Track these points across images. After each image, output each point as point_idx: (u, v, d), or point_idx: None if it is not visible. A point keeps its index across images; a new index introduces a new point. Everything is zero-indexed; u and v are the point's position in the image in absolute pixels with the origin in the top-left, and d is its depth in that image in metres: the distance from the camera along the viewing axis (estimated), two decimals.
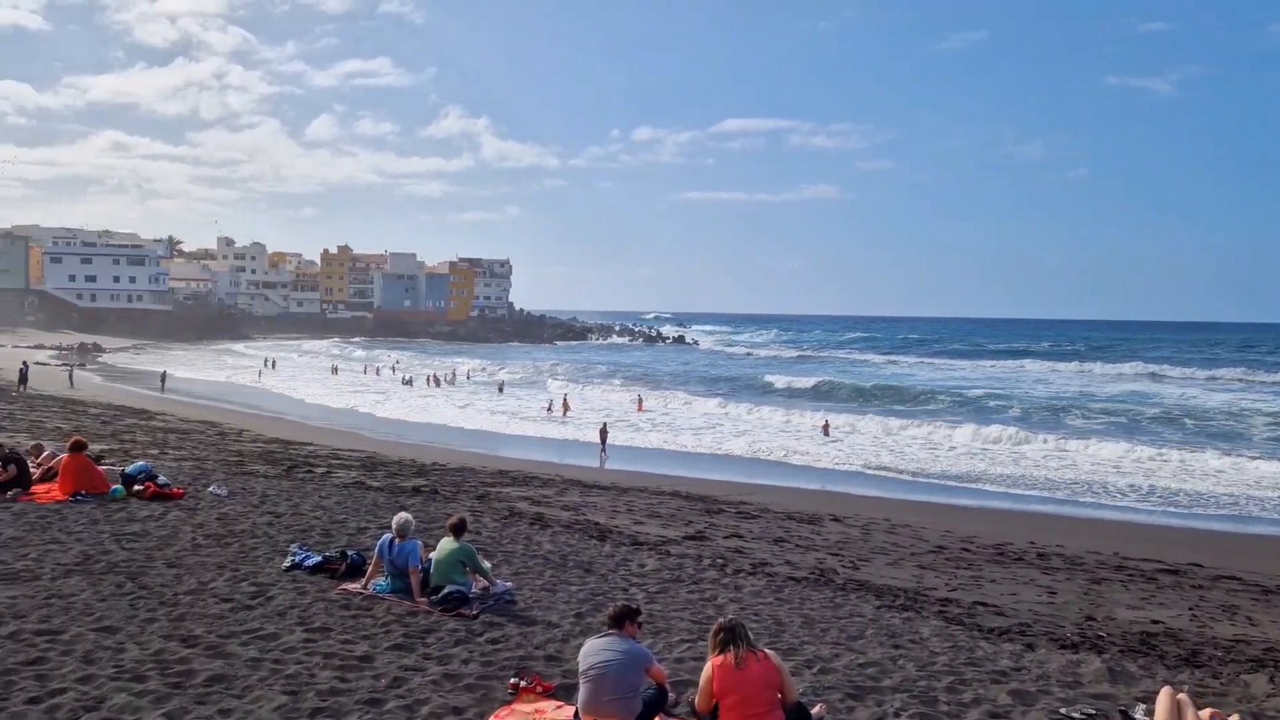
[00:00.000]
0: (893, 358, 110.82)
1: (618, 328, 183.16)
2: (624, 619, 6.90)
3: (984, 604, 12.12)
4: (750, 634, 6.60)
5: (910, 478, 28.68)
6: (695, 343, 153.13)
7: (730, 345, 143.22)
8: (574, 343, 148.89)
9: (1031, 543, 17.50)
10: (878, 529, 18.35)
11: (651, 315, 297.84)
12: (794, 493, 24.10)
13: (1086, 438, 38.19)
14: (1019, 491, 26.40)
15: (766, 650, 6.56)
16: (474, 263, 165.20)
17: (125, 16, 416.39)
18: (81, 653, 7.48)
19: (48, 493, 14.03)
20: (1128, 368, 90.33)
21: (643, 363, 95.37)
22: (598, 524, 16.29)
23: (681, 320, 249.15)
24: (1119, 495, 26.02)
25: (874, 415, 46.81)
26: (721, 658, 6.38)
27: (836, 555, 15.14)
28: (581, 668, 6.68)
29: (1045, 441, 36.86)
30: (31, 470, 14.65)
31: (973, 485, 27.43)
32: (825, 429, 39.84)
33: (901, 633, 9.94)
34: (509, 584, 10.34)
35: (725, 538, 16.02)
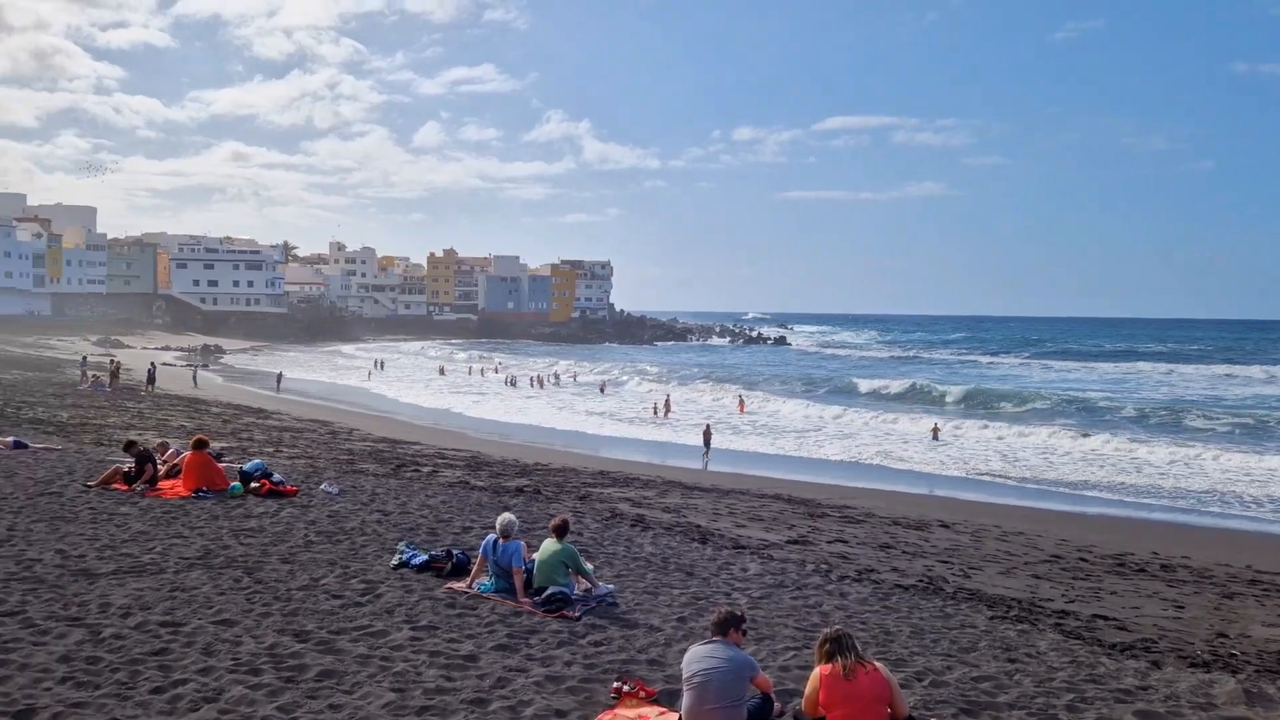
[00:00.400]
0: (1001, 359, 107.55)
1: (717, 328, 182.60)
2: (728, 625, 6.77)
3: (1104, 617, 11.57)
4: (858, 644, 6.41)
5: (1019, 483, 27.73)
6: (793, 344, 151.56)
7: (830, 346, 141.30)
8: (674, 343, 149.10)
9: (1154, 553, 16.67)
10: (988, 536, 17.76)
11: (751, 315, 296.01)
12: (900, 497, 23.54)
13: (1212, 443, 36.35)
14: (1140, 500, 25.24)
15: (876, 662, 6.35)
16: (575, 265, 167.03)
17: (245, 32, 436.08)
18: (202, 644, 7.73)
19: (172, 488, 14.66)
20: (1258, 370, 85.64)
21: (742, 364, 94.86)
22: (699, 526, 16.18)
23: (781, 320, 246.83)
24: (1252, 505, 24.64)
25: (982, 419, 45.49)
26: (829, 667, 6.20)
27: (946, 563, 14.69)
28: (685, 674, 6.58)
29: (1167, 447, 35.16)
30: (158, 466, 15.33)
31: (1089, 494, 26.34)
32: (935, 432, 38.86)
33: (1017, 646, 9.55)
34: (611, 586, 10.32)
35: (829, 542, 15.72)
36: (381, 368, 78.05)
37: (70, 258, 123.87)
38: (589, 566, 10.25)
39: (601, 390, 61.19)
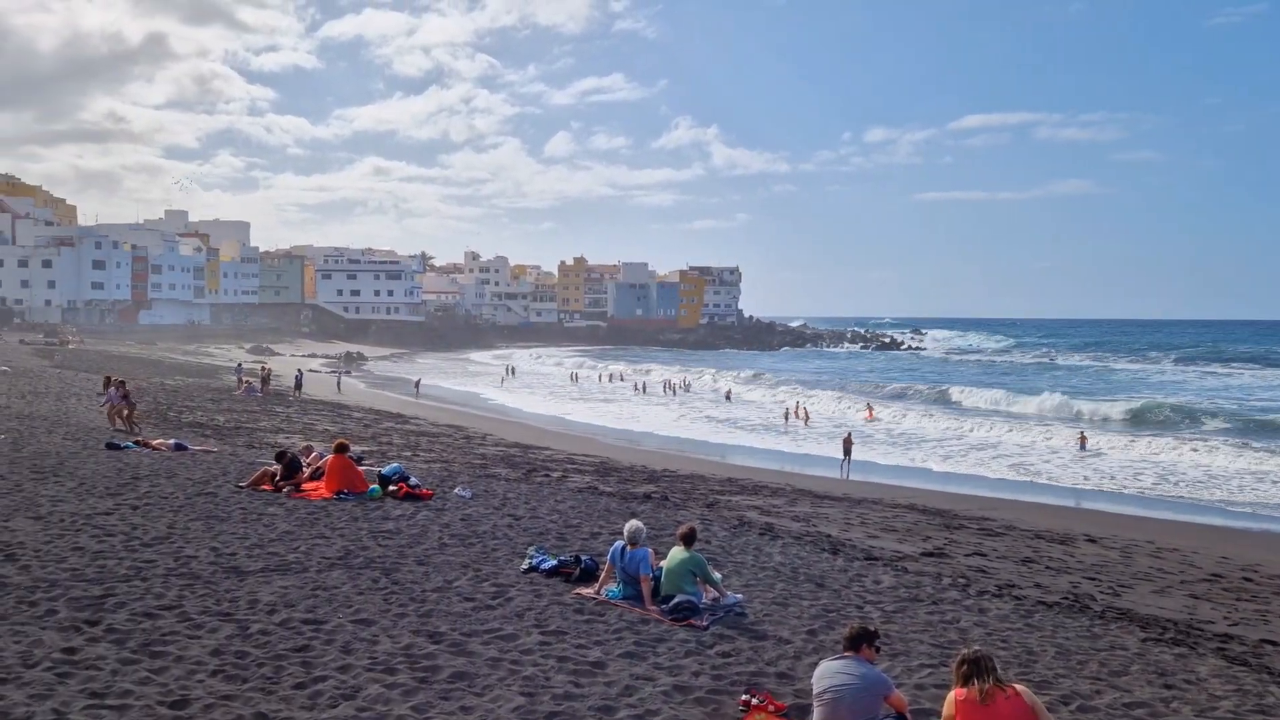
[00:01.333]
0: (1150, 365, 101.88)
1: (849, 334, 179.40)
2: (861, 641, 6.57)
3: (1274, 643, 10.75)
4: (999, 665, 6.10)
5: (1173, 498, 26.15)
6: (926, 349, 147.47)
7: (964, 352, 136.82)
8: (804, 349, 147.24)
9: None
10: (1140, 552, 16.79)
11: (884, 319, 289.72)
12: (1042, 509, 22.53)
13: None
14: None
15: (1018, 686, 6.03)
16: (703, 271, 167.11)
17: (385, 51, 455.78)
18: (341, 643, 7.98)
19: (315, 490, 15.28)
20: None
21: (872, 370, 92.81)
22: (830, 536, 15.85)
23: (915, 325, 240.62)
24: None
25: (1133, 429, 43.21)
26: (965, 691, 5.92)
27: (1093, 579, 13.95)
28: (816, 690, 6.42)
29: None
30: (303, 470, 16.01)
31: (1253, 510, 24.62)
32: (1082, 442, 37.10)
33: (1173, 671, 8.95)
34: (739, 596, 10.19)
35: (967, 555, 15.15)
36: (513, 374, 79.82)
37: (226, 270, 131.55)
38: (717, 575, 10.16)
39: (727, 397, 60.88)
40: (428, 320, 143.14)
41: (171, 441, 20.63)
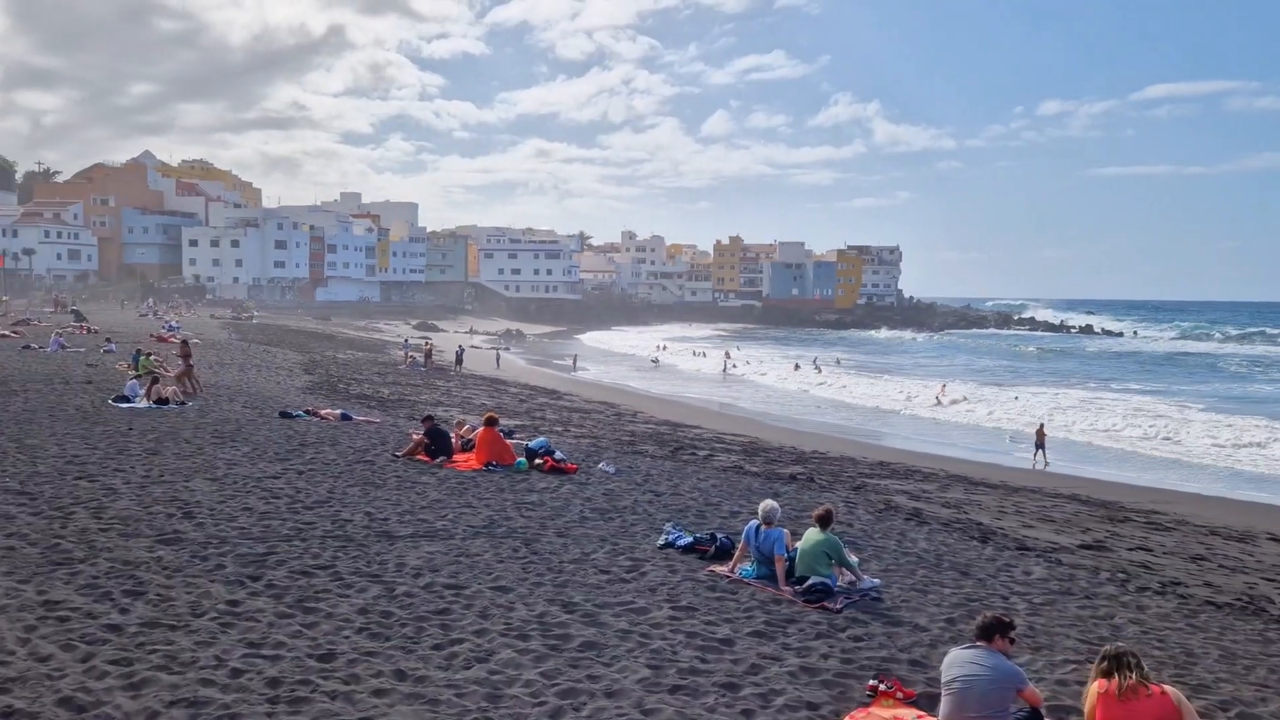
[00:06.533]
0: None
1: (1016, 317, 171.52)
2: (994, 631, 6.32)
3: None
4: (1144, 664, 5.77)
5: None
6: (1105, 332, 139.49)
7: (1146, 337, 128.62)
8: (970, 331, 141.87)
9: None
10: None
11: (1050, 301, 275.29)
12: (1223, 504, 21.03)
13: None
14: None
15: (1166, 686, 5.68)
16: (862, 250, 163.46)
17: (549, 35, 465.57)
18: (479, 608, 8.29)
19: (465, 462, 15.88)
20: None
21: (1056, 355, 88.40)
22: (980, 524, 15.29)
23: (1090, 308, 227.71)
24: None
25: None
26: (1106, 683, 5.64)
27: (1272, 580, 12.95)
28: (944, 678, 6.23)
29: None
30: (454, 441, 16.65)
31: None
32: None
33: None
34: (876, 580, 9.98)
35: (1130, 550, 14.32)
36: (664, 349, 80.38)
37: (396, 249, 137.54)
38: (853, 559, 9.97)
39: (863, 379, 59.47)
40: (584, 299, 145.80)
41: (339, 412, 21.83)
